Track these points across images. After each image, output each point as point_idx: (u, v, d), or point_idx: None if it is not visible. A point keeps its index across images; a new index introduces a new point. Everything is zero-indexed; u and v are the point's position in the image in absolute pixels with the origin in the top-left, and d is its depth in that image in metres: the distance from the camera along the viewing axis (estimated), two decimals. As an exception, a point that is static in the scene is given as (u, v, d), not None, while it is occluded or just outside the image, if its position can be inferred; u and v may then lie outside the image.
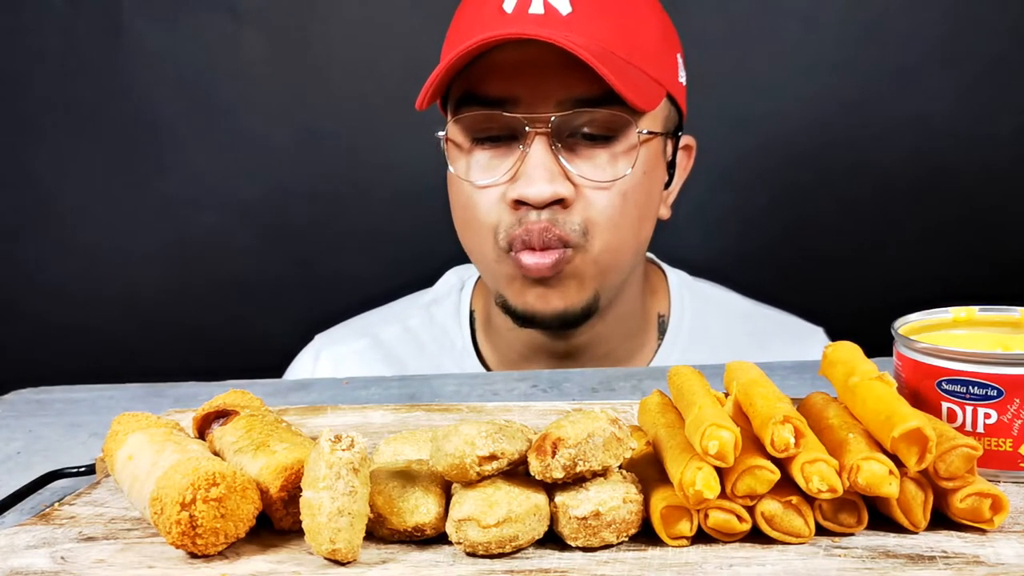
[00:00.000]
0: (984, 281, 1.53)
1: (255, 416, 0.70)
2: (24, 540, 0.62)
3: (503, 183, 0.98)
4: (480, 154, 1.00)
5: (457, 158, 1.02)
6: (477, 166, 1.00)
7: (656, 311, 1.17)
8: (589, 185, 0.98)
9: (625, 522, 0.59)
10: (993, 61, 1.51)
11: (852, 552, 0.57)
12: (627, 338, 1.12)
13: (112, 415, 0.72)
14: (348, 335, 1.21)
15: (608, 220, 0.99)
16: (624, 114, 0.97)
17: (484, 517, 0.57)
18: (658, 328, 1.16)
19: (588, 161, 0.98)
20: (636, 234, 1.03)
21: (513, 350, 1.13)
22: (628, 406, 0.83)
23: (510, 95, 0.96)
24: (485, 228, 1.01)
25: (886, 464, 0.58)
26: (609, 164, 0.98)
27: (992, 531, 0.59)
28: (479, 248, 1.03)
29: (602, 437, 0.59)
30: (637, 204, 1.01)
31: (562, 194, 0.96)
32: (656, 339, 1.16)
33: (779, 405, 0.60)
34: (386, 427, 0.82)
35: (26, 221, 1.60)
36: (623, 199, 0.99)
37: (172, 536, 0.58)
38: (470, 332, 1.16)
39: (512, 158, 0.98)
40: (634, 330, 1.13)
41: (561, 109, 0.96)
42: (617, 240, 1.00)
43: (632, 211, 1.00)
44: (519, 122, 0.96)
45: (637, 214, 1.01)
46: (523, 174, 0.97)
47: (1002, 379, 0.65)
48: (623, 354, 1.13)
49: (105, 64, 1.54)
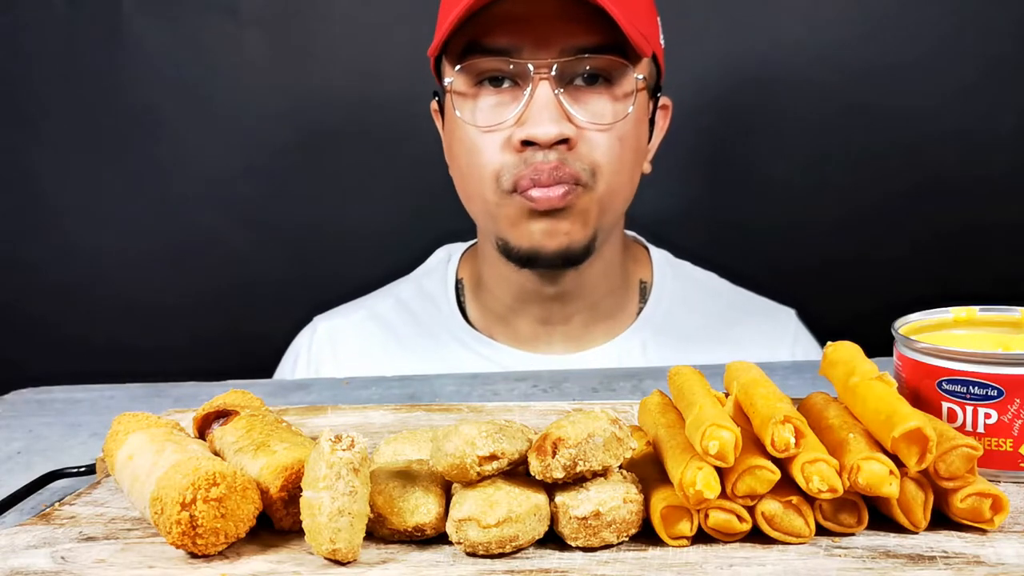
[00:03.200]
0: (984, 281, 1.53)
1: (255, 416, 0.70)
2: (24, 540, 0.62)
3: (509, 126, 1.03)
4: (485, 99, 1.05)
5: (462, 105, 1.06)
6: (482, 110, 1.05)
7: (638, 277, 1.23)
8: (591, 128, 1.03)
9: (625, 522, 0.59)
10: (994, 61, 1.51)
11: (852, 552, 0.57)
12: (610, 293, 1.18)
13: (112, 415, 0.72)
14: (344, 310, 1.28)
15: (610, 163, 1.04)
16: (622, 60, 1.03)
17: (484, 517, 0.57)
18: (640, 293, 1.22)
19: (589, 105, 1.03)
20: (630, 178, 1.09)
21: (502, 304, 1.17)
22: (628, 406, 0.83)
23: (514, 44, 1.01)
24: (487, 172, 1.05)
25: (886, 464, 0.58)
26: (609, 107, 1.04)
27: (992, 531, 0.59)
28: (479, 193, 1.07)
29: (602, 437, 0.59)
30: (632, 149, 1.07)
31: (567, 134, 1.01)
32: (638, 303, 1.21)
33: (779, 405, 0.60)
34: (386, 427, 0.82)
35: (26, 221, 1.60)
36: (621, 143, 1.05)
37: (172, 536, 0.58)
38: (455, 298, 1.22)
39: (517, 103, 1.03)
40: (616, 287, 1.19)
41: (563, 56, 1.01)
42: (617, 182, 1.06)
43: (628, 155, 1.06)
44: (524, 67, 1.01)
45: (632, 159, 1.08)
46: (529, 116, 1.01)
47: (1002, 379, 0.65)
48: (606, 308, 1.18)
49: (105, 64, 1.54)
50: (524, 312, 1.16)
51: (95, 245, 1.60)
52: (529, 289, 1.14)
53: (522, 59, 1.00)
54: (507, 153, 1.03)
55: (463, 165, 1.08)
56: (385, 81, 1.55)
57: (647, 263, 1.24)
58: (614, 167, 1.04)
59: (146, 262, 1.61)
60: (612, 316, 1.18)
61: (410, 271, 1.29)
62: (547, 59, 1.00)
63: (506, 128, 1.03)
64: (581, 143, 1.02)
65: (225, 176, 1.59)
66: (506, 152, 1.03)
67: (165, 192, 1.59)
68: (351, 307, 1.27)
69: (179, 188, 1.59)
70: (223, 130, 1.57)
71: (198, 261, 1.61)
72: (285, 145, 1.58)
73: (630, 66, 1.03)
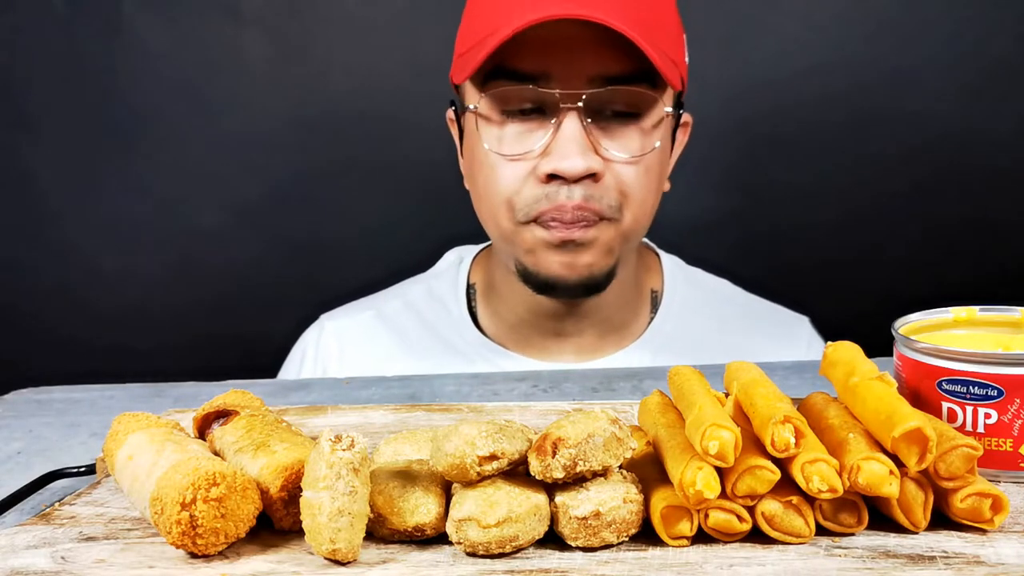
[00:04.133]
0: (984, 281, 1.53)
1: (255, 416, 0.70)
2: (24, 540, 0.62)
3: (535, 156, 1.00)
4: (511, 127, 1.02)
5: (487, 130, 1.03)
6: (508, 138, 1.02)
7: (649, 286, 1.21)
8: (618, 160, 1.01)
9: (625, 522, 0.59)
10: (994, 61, 1.51)
11: (852, 552, 0.57)
12: (622, 307, 1.16)
13: (112, 415, 0.72)
14: (352, 309, 1.26)
15: (637, 194, 1.03)
16: (652, 92, 1.01)
17: (484, 517, 0.57)
18: (651, 302, 1.20)
19: (617, 138, 1.01)
20: (654, 205, 1.08)
21: (515, 314, 1.16)
22: (628, 406, 0.83)
23: (543, 70, 0.98)
24: (504, 200, 1.03)
25: (886, 464, 0.58)
26: (637, 140, 1.02)
27: (992, 531, 0.59)
28: (495, 220, 1.06)
29: (602, 437, 0.59)
30: (658, 177, 1.06)
31: (595, 168, 0.99)
32: (649, 312, 1.20)
33: (779, 405, 0.60)
34: (386, 427, 0.82)
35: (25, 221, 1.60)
36: (647, 173, 1.03)
37: (172, 536, 0.58)
38: (466, 303, 1.19)
39: (543, 131, 1.00)
40: (629, 300, 1.17)
41: (593, 85, 0.98)
42: (643, 212, 1.06)
43: (654, 184, 1.06)
44: (552, 97, 0.98)
45: (657, 187, 1.07)
46: (556, 148, 0.99)
47: (1002, 379, 0.65)
48: (618, 322, 1.17)
49: (105, 64, 1.54)
50: (537, 325, 1.15)
51: (95, 245, 1.60)
52: (544, 304, 1.12)
53: (550, 87, 0.98)
54: (530, 184, 1.01)
55: (480, 188, 1.06)
56: (385, 81, 1.55)
57: (658, 271, 1.22)
58: (640, 197, 1.03)
59: (146, 262, 1.61)
60: (624, 327, 1.17)
61: (412, 273, 1.28)
62: (576, 88, 0.97)
63: (531, 158, 1.00)
64: (609, 175, 1.00)
65: (225, 176, 1.59)
66: (529, 182, 1.01)
67: (165, 192, 1.59)
68: (358, 306, 1.26)
69: (179, 188, 1.59)
70: (223, 130, 1.57)
71: (198, 261, 1.61)
72: (285, 145, 1.58)
73: (658, 98, 1.02)
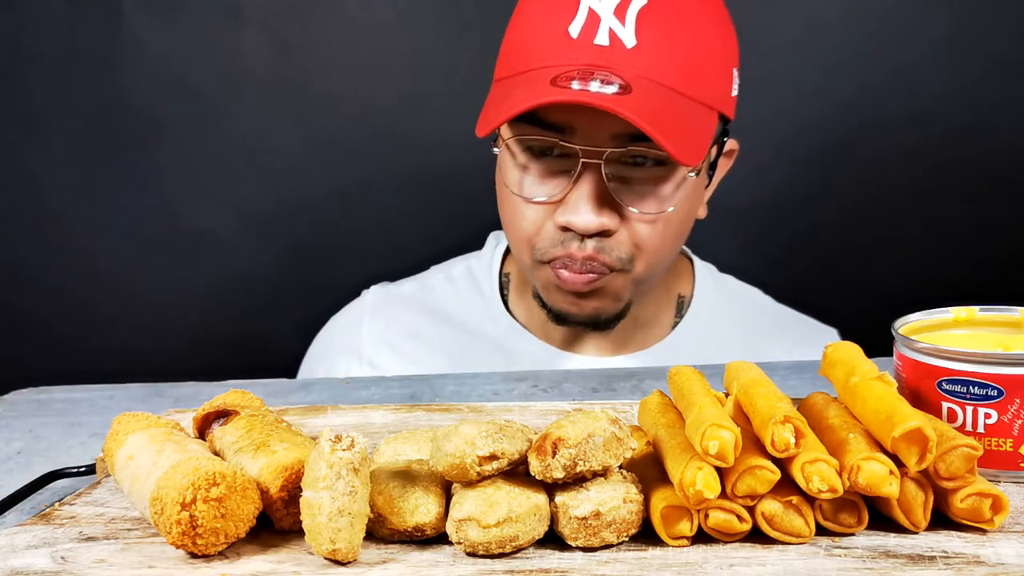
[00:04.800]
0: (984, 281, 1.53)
1: (255, 416, 0.70)
2: (24, 540, 0.62)
3: (553, 203, 1.02)
4: (534, 171, 1.03)
5: (511, 171, 1.05)
6: (529, 182, 1.04)
7: (677, 291, 1.22)
8: (635, 217, 1.01)
9: (625, 522, 0.59)
10: (994, 61, 1.51)
11: (852, 552, 0.57)
12: (648, 311, 1.18)
13: (112, 415, 0.72)
14: (401, 281, 1.28)
15: (651, 245, 1.03)
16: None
17: (484, 517, 0.57)
18: (676, 307, 1.21)
19: (637, 193, 1.01)
20: (674, 251, 1.09)
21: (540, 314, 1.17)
22: (628, 406, 0.83)
23: (568, 123, 0.99)
24: (525, 239, 1.05)
25: (886, 464, 0.58)
26: (656, 199, 1.02)
27: (992, 531, 0.59)
28: (517, 252, 1.09)
29: (602, 437, 0.59)
30: (680, 227, 1.07)
31: (608, 226, 1.00)
32: (673, 316, 1.21)
33: (779, 405, 0.60)
34: (386, 427, 0.82)
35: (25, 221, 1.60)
36: (666, 226, 1.04)
37: (172, 536, 0.58)
38: (499, 290, 1.21)
39: (564, 180, 1.01)
40: (655, 304, 1.19)
41: (615, 142, 0.98)
42: (658, 260, 1.06)
43: (674, 235, 1.06)
44: (575, 151, 0.99)
45: (678, 234, 1.07)
46: (572, 201, 1.00)
47: (1002, 379, 0.65)
48: (642, 324, 1.18)
49: (105, 64, 1.54)
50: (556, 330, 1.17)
51: (95, 245, 1.60)
52: None
53: (573, 142, 0.99)
54: (548, 227, 1.03)
55: (506, 221, 1.09)
56: (385, 81, 1.55)
57: (688, 276, 1.23)
58: (655, 247, 1.03)
59: (146, 262, 1.61)
60: (648, 329, 1.19)
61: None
62: (599, 142, 0.98)
63: (550, 203, 1.02)
64: (624, 229, 1.01)
65: (225, 176, 1.59)
66: (547, 226, 1.03)
67: (165, 192, 1.59)
68: (409, 279, 1.29)
69: (179, 188, 1.59)
70: (223, 130, 1.57)
71: (198, 261, 1.61)
72: (285, 145, 1.58)
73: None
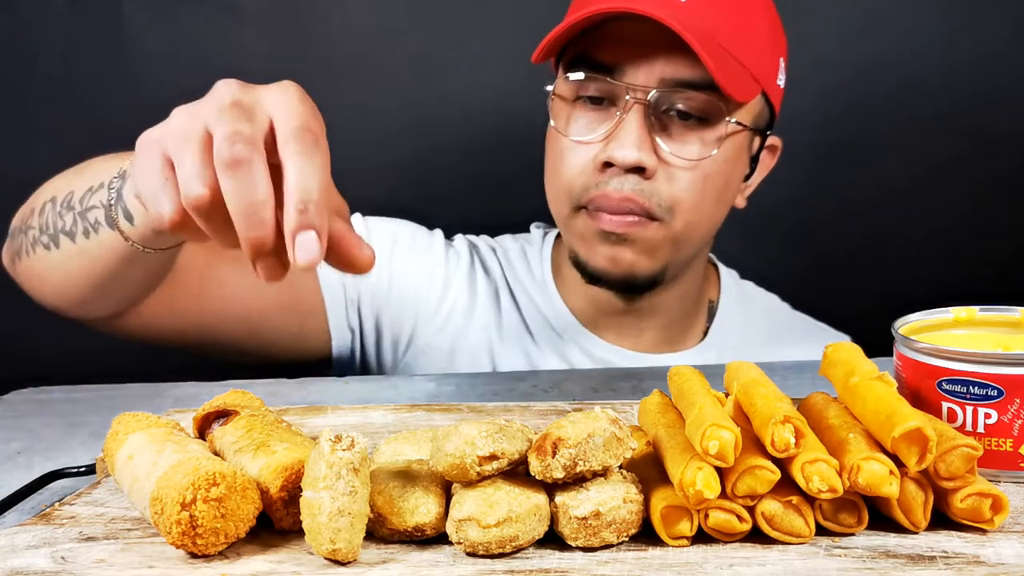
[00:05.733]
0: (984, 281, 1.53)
1: (255, 416, 0.70)
2: (24, 540, 0.62)
3: (598, 142, 1.04)
4: (581, 112, 1.06)
5: (560, 114, 1.08)
6: (576, 123, 1.06)
7: (708, 297, 1.24)
8: (674, 161, 1.03)
9: (625, 522, 0.59)
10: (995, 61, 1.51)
11: (852, 552, 0.57)
12: (684, 315, 1.20)
13: (112, 415, 0.72)
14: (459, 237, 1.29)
15: (690, 199, 1.05)
16: (719, 102, 1.03)
17: (484, 517, 0.57)
18: (707, 312, 1.24)
19: (677, 140, 1.04)
20: (711, 216, 1.09)
21: (577, 305, 1.19)
22: (628, 406, 0.83)
23: (617, 63, 1.02)
24: (564, 184, 1.07)
25: (886, 464, 0.58)
26: (696, 146, 1.04)
27: (992, 531, 0.59)
28: (556, 204, 1.10)
29: (602, 437, 0.59)
30: (716, 188, 1.07)
31: (646, 163, 1.01)
32: (704, 322, 1.23)
33: (779, 405, 0.60)
34: (386, 427, 0.82)
35: (26, 221, 1.60)
36: (704, 181, 1.05)
37: (172, 536, 0.58)
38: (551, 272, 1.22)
39: (607, 123, 1.04)
40: (690, 309, 1.21)
41: (662, 86, 1.01)
42: (696, 219, 1.07)
43: (711, 193, 1.07)
44: (621, 89, 1.02)
45: (715, 197, 1.08)
46: (615, 138, 1.02)
47: (1002, 379, 0.65)
48: (678, 330, 1.20)
49: (105, 64, 1.54)
50: (599, 322, 1.18)
51: (95, 245, 1.60)
52: (603, 301, 1.16)
53: (621, 81, 1.02)
54: (588, 170, 1.04)
55: (548, 171, 1.11)
56: (385, 80, 1.55)
57: (715, 281, 1.26)
58: (693, 203, 1.05)
59: (146, 262, 1.60)
60: (683, 333, 1.21)
61: None
62: (645, 85, 1.01)
63: (594, 145, 1.04)
64: (662, 176, 1.03)
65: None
66: (588, 169, 1.04)
67: (165, 192, 1.58)
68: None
69: (179, 188, 1.59)
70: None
71: (198, 261, 1.60)
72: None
73: (725, 109, 1.03)
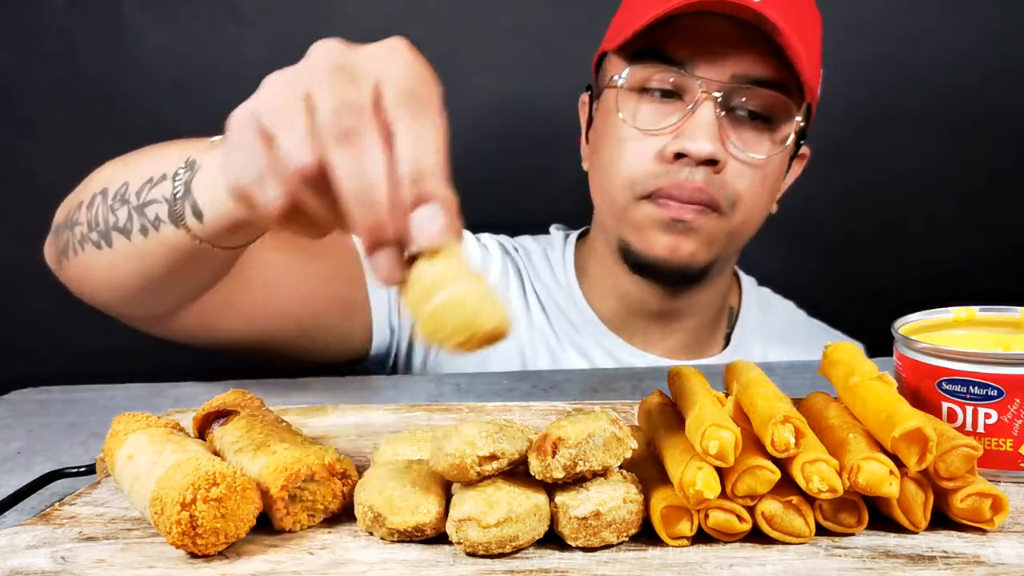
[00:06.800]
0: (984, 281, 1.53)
1: (255, 416, 0.70)
2: (24, 540, 0.62)
3: (666, 134, 1.04)
4: (648, 104, 1.06)
5: (626, 104, 1.07)
6: (644, 114, 1.06)
7: (729, 303, 1.25)
8: (742, 157, 1.04)
9: (625, 522, 0.59)
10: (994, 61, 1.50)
11: (852, 552, 0.57)
12: (711, 319, 1.20)
13: (112, 415, 0.72)
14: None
15: (752, 196, 1.06)
16: (787, 100, 1.04)
17: (484, 517, 0.57)
18: (728, 319, 1.24)
19: (745, 138, 1.04)
20: (762, 213, 1.11)
21: (607, 307, 1.18)
22: (628, 406, 0.83)
23: (691, 58, 1.02)
24: (624, 176, 1.06)
25: (886, 464, 0.58)
26: (765, 144, 1.06)
27: (992, 531, 0.59)
28: (611, 195, 1.09)
29: (602, 437, 0.59)
30: (771, 187, 1.09)
31: (719, 156, 1.02)
32: (726, 328, 1.23)
33: (779, 405, 0.60)
34: (386, 427, 0.82)
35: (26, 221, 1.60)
36: (763, 180, 1.06)
37: (172, 536, 0.58)
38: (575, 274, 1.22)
39: (676, 115, 1.04)
40: (716, 314, 1.21)
41: (734, 82, 1.02)
42: (751, 215, 1.08)
43: (767, 192, 1.09)
44: (694, 83, 1.02)
45: (769, 195, 1.10)
46: (687, 130, 1.02)
47: (1002, 379, 0.65)
48: (705, 333, 1.20)
49: (105, 64, 1.54)
50: (627, 325, 1.17)
51: (95, 245, 1.60)
52: (636, 300, 1.15)
53: (694, 75, 1.02)
54: (654, 162, 1.04)
55: (604, 162, 1.09)
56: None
57: (737, 289, 1.26)
58: (754, 201, 1.06)
59: (146, 262, 1.60)
60: (709, 337, 1.21)
61: None
62: (718, 80, 1.02)
63: (662, 136, 1.04)
64: (729, 171, 1.04)
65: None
66: (654, 160, 1.04)
67: (165, 192, 1.59)
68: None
69: (179, 188, 1.59)
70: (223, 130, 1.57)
71: (198, 261, 1.60)
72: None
73: (793, 107, 1.05)
